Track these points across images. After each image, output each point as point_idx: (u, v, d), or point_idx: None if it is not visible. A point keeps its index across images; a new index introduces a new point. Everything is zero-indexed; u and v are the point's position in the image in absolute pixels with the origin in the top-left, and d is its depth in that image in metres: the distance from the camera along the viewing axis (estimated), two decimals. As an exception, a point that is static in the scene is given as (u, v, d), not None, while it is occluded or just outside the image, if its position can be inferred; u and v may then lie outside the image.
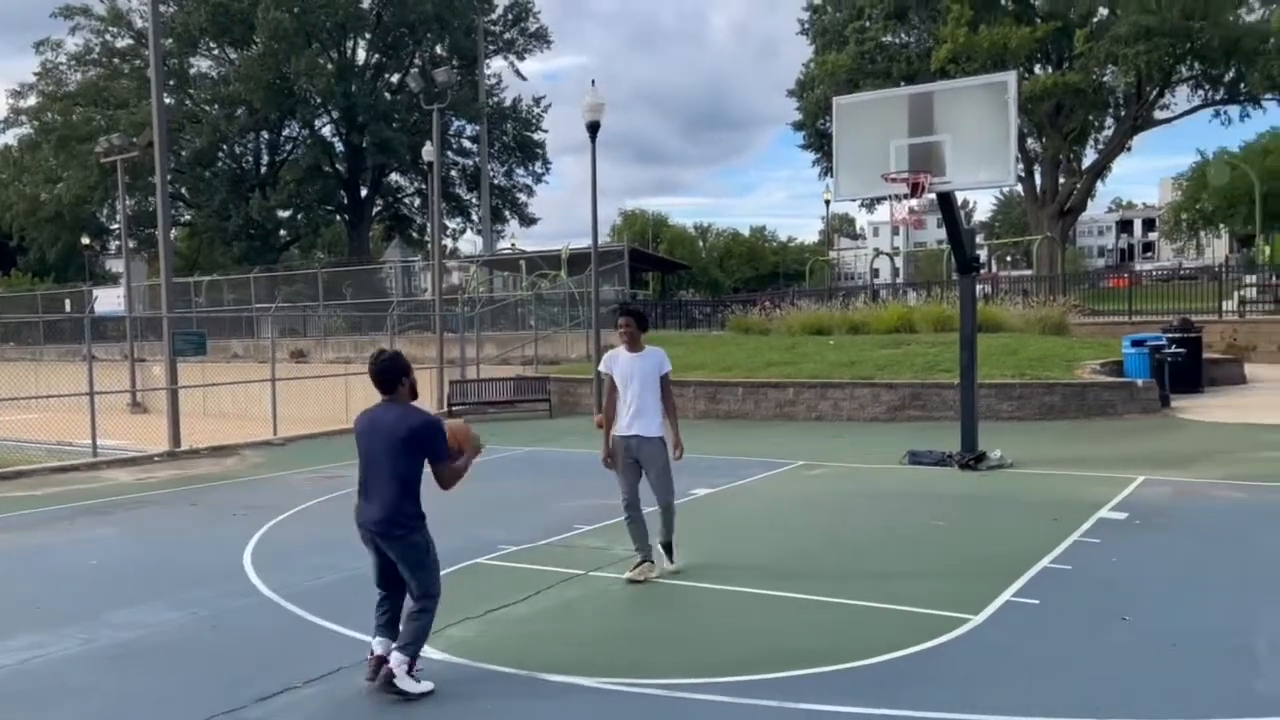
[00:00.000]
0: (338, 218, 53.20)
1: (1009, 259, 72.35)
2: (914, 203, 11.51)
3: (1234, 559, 7.22)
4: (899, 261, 56.14)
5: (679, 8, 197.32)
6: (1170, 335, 17.59)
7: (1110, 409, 15.66)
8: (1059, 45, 41.70)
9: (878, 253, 63.07)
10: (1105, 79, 41.78)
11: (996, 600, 6.12)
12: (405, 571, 4.89)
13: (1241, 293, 27.22)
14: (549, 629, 5.99)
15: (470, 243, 53.17)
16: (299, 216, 49.55)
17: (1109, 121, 46.17)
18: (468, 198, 52.56)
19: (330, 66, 45.66)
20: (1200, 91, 44.31)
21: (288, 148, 50.04)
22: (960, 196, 17.74)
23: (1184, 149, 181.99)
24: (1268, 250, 32.49)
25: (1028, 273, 45.42)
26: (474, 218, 52.10)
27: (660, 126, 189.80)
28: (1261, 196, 39.47)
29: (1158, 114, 45.54)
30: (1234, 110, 44.19)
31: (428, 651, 5.08)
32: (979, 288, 29.92)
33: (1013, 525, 8.59)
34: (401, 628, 4.91)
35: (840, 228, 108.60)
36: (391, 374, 4.91)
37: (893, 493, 10.26)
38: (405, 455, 4.80)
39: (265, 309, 29.55)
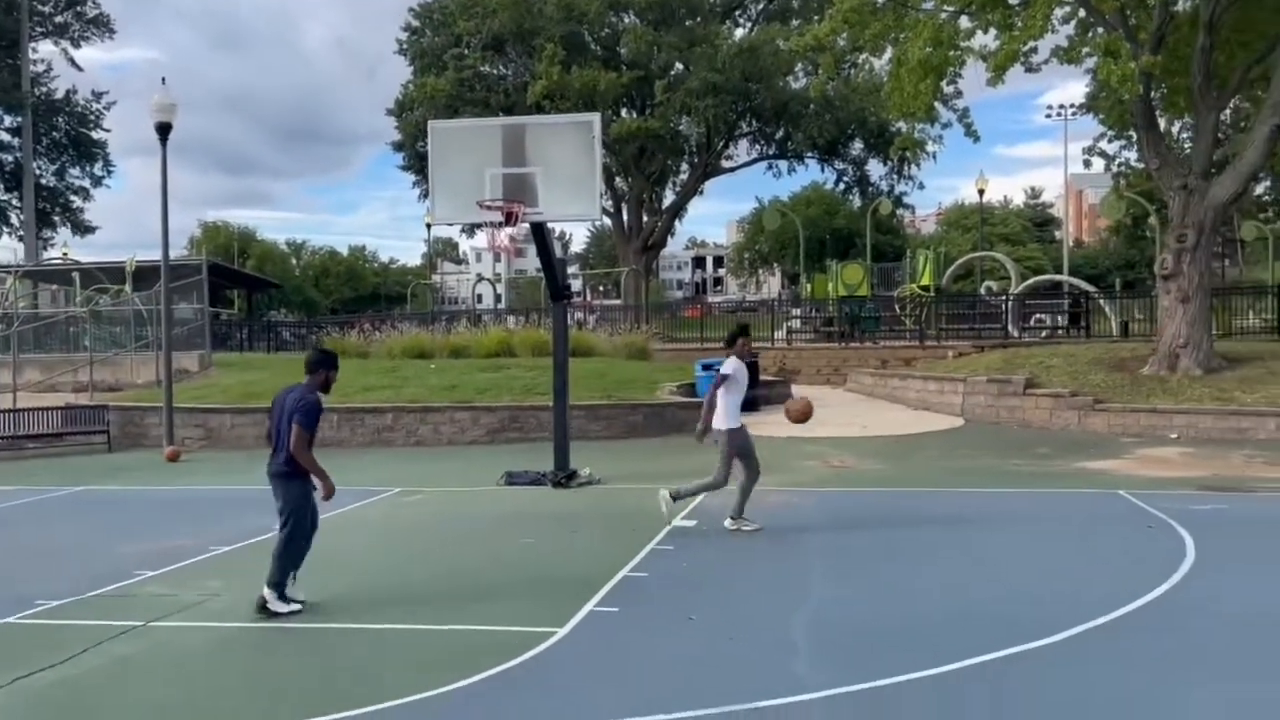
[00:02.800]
0: None
1: (601, 288, 77.21)
2: (511, 230, 11.82)
3: (784, 557, 8.19)
4: (501, 287, 57.52)
5: (268, 9, 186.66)
6: (733, 359, 19.72)
7: (685, 426, 17.14)
8: (642, 93, 45.43)
9: (480, 278, 64.10)
10: (681, 127, 46.24)
11: (580, 612, 6.39)
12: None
13: (790, 324, 31.39)
14: (97, 693, 5.23)
15: (9, 250, 45.80)
16: None
17: (685, 166, 51.14)
18: (6, 198, 45.27)
19: None
20: (757, 146, 50.69)
21: None
22: (557, 228, 18.60)
23: (746, 196, 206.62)
24: (809, 288, 37.80)
25: (617, 302, 48.77)
26: (14, 221, 44.96)
27: (247, 134, 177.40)
28: (805, 241, 45.88)
29: (724, 163, 51.30)
30: (784, 164, 51.05)
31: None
32: (574, 315, 31.51)
33: (598, 538, 9.06)
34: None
35: (444, 252, 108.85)
36: (314, 363, 6.76)
37: (488, 514, 10.38)
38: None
39: None
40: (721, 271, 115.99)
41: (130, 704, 5.11)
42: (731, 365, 8.94)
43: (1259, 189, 40.11)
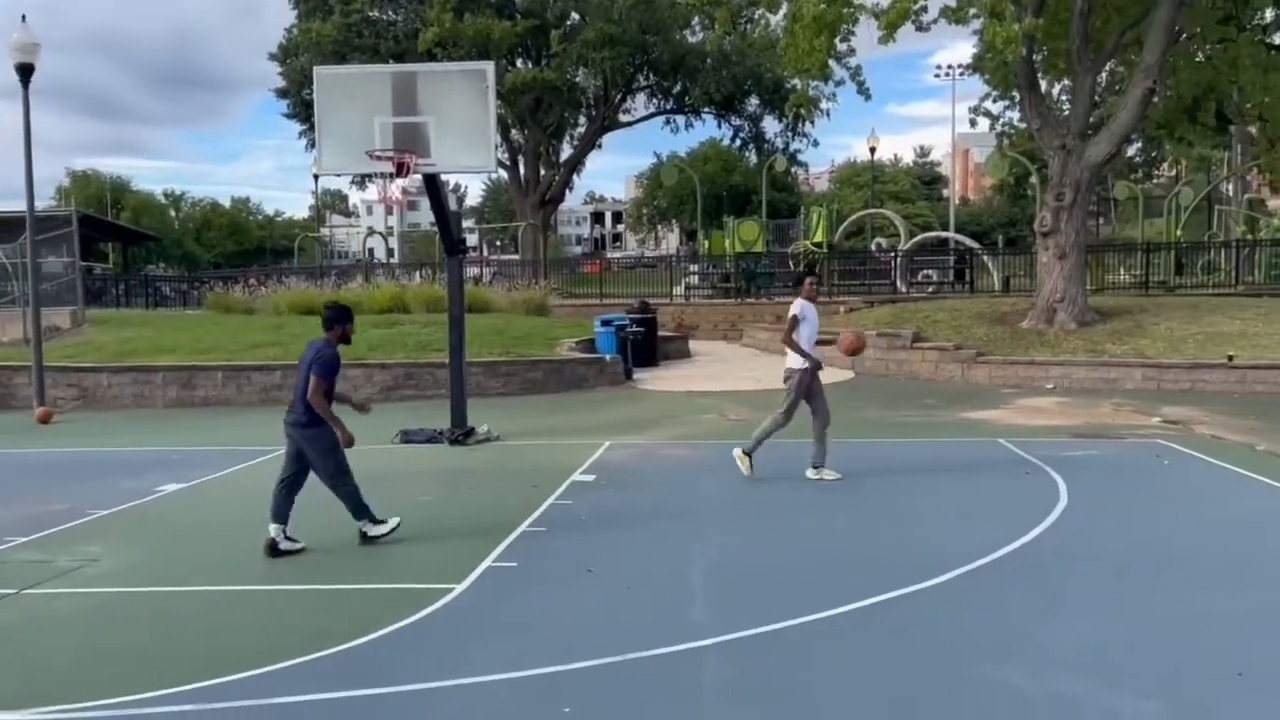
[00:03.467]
0: None
1: (498, 243, 76.07)
2: (404, 182, 11.49)
3: (682, 509, 8.30)
4: (393, 241, 56.17)
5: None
6: (632, 316, 19.79)
7: (584, 382, 17.20)
8: (538, 43, 44.58)
9: (371, 231, 62.36)
10: (578, 79, 45.62)
11: (479, 567, 6.37)
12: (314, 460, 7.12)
13: (688, 279, 31.59)
14: (-36, 666, 4.97)
15: None
16: None
17: (582, 120, 50.55)
18: None
19: None
20: (655, 100, 50.43)
21: None
22: (451, 180, 18.09)
23: (644, 151, 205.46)
24: (707, 244, 38.03)
25: (515, 257, 48.14)
26: None
27: (118, 77, 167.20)
28: (702, 197, 46.01)
29: (622, 117, 50.91)
30: (681, 119, 50.96)
31: None
32: (471, 270, 31.02)
33: (496, 495, 9.02)
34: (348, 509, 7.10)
35: (333, 204, 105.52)
36: (330, 319, 7.34)
37: (383, 473, 10.16)
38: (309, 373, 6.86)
39: None
40: (620, 227, 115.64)
41: (14, 668, 4.87)
42: (798, 306, 9.26)
43: (1131, 150, 42.05)
